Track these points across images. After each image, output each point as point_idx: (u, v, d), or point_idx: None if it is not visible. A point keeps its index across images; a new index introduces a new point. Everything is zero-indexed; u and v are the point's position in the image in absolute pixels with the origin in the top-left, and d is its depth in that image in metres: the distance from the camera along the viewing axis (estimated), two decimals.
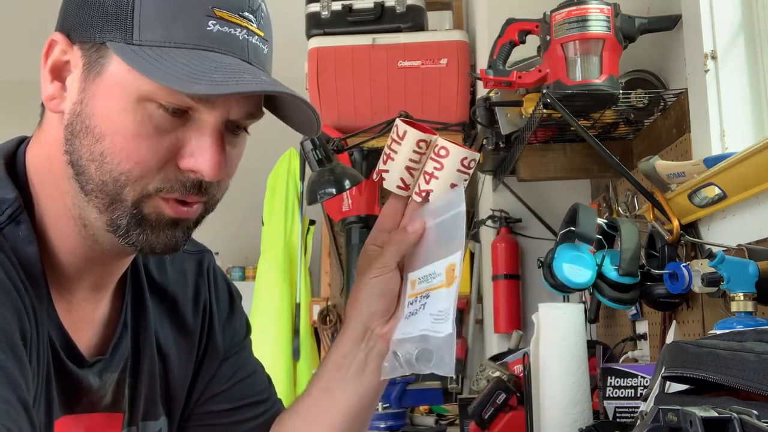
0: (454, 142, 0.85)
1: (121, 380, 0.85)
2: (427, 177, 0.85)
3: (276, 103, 0.81)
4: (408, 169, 0.86)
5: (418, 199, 0.86)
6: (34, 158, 0.80)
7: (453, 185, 0.84)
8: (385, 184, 0.87)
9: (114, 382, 0.84)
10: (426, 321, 0.82)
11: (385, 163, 0.87)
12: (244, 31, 0.75)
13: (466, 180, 0.85)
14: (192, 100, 0.72)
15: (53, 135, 0.78)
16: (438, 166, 0.84)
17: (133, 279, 0.89)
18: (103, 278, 0.84)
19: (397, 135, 0.86)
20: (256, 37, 0.76)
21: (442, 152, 0.84)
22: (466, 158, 0.84)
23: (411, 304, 0.85)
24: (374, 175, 0.87)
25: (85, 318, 0.83)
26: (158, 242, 0.77)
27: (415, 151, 0.85)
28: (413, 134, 0.85)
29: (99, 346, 0.84)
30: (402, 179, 0.86)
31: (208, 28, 0.72)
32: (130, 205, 0.74)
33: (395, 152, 0.86)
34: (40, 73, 0.76)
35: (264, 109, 0.80)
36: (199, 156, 0.74)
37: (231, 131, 0.78)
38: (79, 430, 0.81)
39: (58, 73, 0.76)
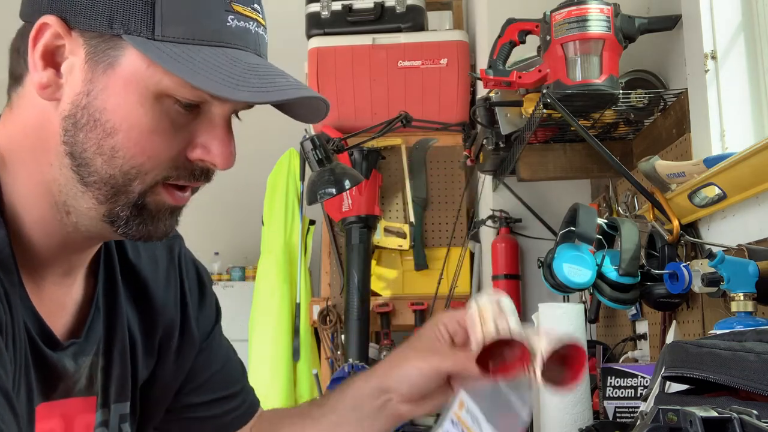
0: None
1: (94, 363, 0.83)
2: None
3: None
4: None
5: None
6: (4, 141, 0.77)
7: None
8: None
9: (87, 366, 0.83)
10: None
11: None
12: (254, 23, 0.75)
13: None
14: (207, 95, 0.72)
15: (33, 119, 0.75)
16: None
17: (106, 260, 0.87)
18: (75, 262, 0.82)
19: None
20: (262, 27, 0.77)
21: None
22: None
23: (453, 423, 0.83)
24: None
25: (58, 302, 0.81)
26: (156, 231, 0.77)
27: None
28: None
29: (72, 329, 0.83)
30: None
31: (227, 24, 0.72)
32: (136, 197, 0.74)
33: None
34: (28, 58, 0.73)
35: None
36: (213, 148, 0.75)
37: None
38: (54, 417, 0.79)
39: (51, 58, 0.73)
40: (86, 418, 0.83)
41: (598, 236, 1.47)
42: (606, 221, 1.49)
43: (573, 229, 1.43)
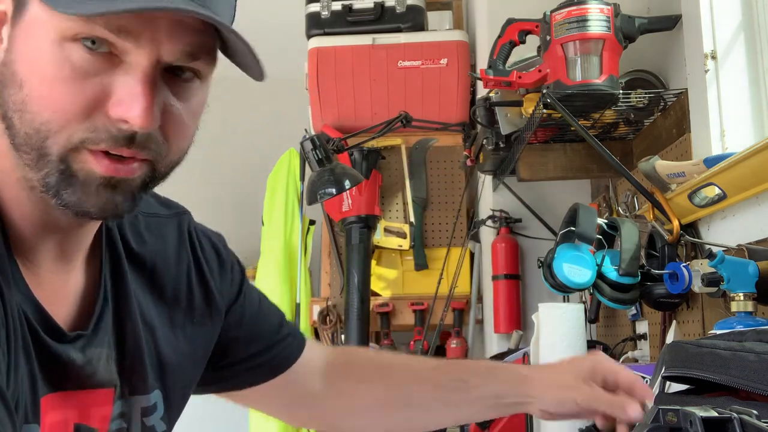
0: None
1: (108, 355, 0.81)
2: None
3: (232, 49, 0.72)
4: None
5: None
6: None
7: None
8: None
9: (103, 358, 0.80)
10: None
11: None
12: None
13: None
14: (111, 33, 0.66)
15: None
16: None
17: (110, 249, 0.84)
18: (67, 246, 0.78)
19: None
20: None
21: None
22: None
23: None
24: None
25: (58, 290, 0.78)
26: (92, 204, 0.70)
27: None
28: None
29: (78, 320, 0.80)
30: None
31: None
32: (57, 160, 0.68)
33: None
34: None
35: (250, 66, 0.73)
36: (128, 102, 0.67)
37: (177, 77, 0.71)
38: (68, 408, 0.77)
39: None
40: (103, 410, 0.81)
41: (598, 236, 1.47)
42: (606, 221, 1.49)
43: (573, 229, 1.43)
